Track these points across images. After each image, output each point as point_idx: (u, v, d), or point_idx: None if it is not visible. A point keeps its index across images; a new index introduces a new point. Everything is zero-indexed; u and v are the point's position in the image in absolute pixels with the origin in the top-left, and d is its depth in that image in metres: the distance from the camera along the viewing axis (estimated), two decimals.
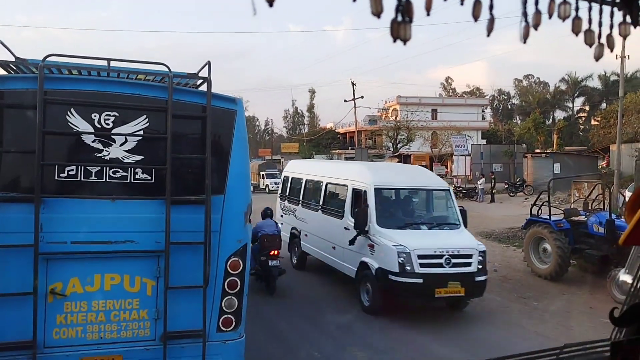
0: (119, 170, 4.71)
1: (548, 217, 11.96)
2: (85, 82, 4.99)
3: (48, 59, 4.60)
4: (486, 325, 8.86)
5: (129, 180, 4.75)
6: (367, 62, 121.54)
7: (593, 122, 50.30)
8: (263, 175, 41.95)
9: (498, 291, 10.85)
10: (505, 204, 27.82)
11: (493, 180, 28.84)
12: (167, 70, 4.97)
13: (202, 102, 4.92)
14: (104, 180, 4.67)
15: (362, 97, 43.20)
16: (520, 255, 14.09)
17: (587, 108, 64.37)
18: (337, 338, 7.98)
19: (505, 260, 13.87)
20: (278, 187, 34.21)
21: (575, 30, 1.11)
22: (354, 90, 41.85)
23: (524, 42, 1.08)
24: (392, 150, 49.16)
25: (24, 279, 4.33)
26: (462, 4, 0.99)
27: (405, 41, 0.98)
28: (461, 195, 29.74)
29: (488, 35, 1.06)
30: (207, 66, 5.26)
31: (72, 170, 4.60)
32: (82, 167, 4.62)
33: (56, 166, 4.55)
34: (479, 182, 29.20)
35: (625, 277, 9.32)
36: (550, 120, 67.73)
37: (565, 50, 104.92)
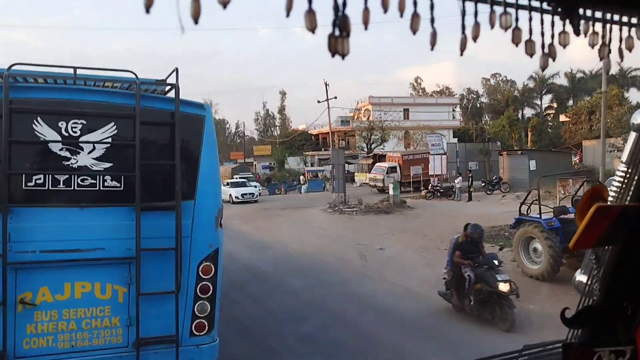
0: (87, 178, 4.70)
1: (538, 216, 11.64)
2: (52, 90, 5.02)
3: (13, 67, 4.56)
4: (485, 333, 8.41)
5: (97, 188, 4.75)
6: (337, 64, 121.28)
7: (562, 119, 50.95)
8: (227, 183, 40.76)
9: None
10: (483, 202, 27.71)
11: (470, 179, 28.72)
12: (134, 77, 4.92)
13: (170, 109, 4.95)
14: (72, 188, 4.66)
15: (335, 97, 42.68)
16: (507, 255, 13.76)
17: (554, 105, 65.36)
18: None
19: None
20: (250, 196, 32.28)
21: (516, 40, 1.13)
22: (327, 91, 41.40)
23: (461, 54, 1.10)
24: (366, 150, 48.86)
25: None
26: (401, 16, 0.99)
27: (343, 56, 0.98)
28: (439, 194, 29.54)
29: (432, 49, 1.07)
30: (174, 72, 5.27)
31: (40, 179, 4.59)
32: (50, 176, 4.61)
33: (23, 175, 4.55)
34: (456, 181, 29.05)
35: (580, 277, 9.01)
36: (520, 118, 68.60)
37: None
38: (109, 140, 4.79)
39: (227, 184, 34.44)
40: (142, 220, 4.66)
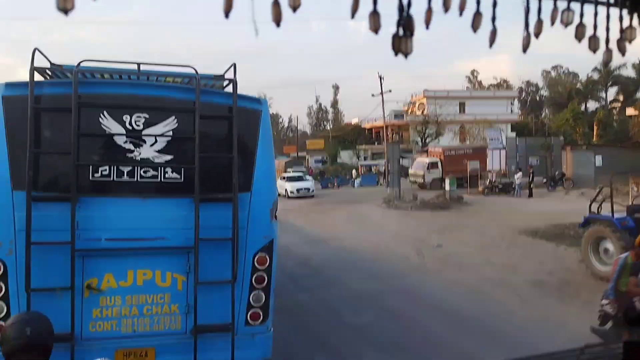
0: (149, 169, 4.89)
1: (610, 215, 10.97)
2: (117, 85, 5.27)
3: (82, 64, 4.81)
4: (549, 336, 7.96)
5: (159, 180, 4.93)
6: (390, 57, 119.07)
7: (629, 112, 48.21)
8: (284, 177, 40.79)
9: (560, 297, 9.92)
10: (544, 199, 26.63)
11: (531, 175, 27.62)
12: (194, 72, 5.10)
13: (228, 103, 5.10)
14: (135, 179, 4.85)
15: (389, 90, 42.11)
16: (574, 256, 13.09)
17: (621, 98, 62.08)
18: None
19: (558, 262, 12.87)
20: (305, 191, 31.65)
21: (579, 36, 1.10)
22: (381, 84, 40.90)
23: (524, 52, 1.11)
24: (420, 145, 48.01)
25: (61, 275, 4.51)
26: (460, 15, 1.00)
27: (406, 55, 1.00)
28: (497, 190, 28.61)
29: (490, 47, 1.07)
30: (232, 67, 5.46)
31: (106, 170, 4.80)
32: (115, 167, 4.81)
33: (90, 167, 4.76)
34: (516, 177, 28.02)
35: None
36: (584, 111, 65.60)
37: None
38: (170, 133, 4.95)
39: (284, 177, 33.95)
40: (201, 211, 4.80)
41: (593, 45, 1.12)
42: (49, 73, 5.69)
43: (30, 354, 2.38)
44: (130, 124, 4.86)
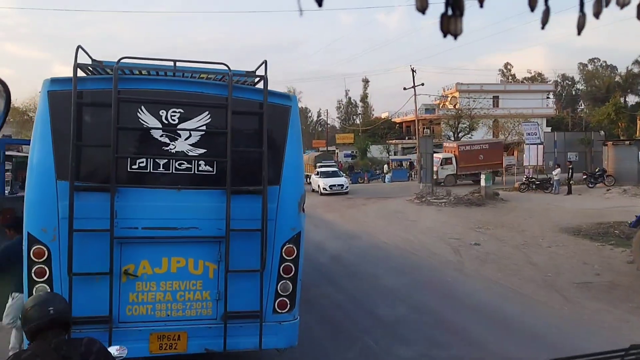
0: (183, 162, 5.11)
1: None
2: (154, 81, 5.40)
3: (121, 61, 5.04)
4: (603, 342, 7.41)
5: (192, 172, 5.15)
6: (420, 50, 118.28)
7: None
8: (319, 166, 40.72)
9: (609, 300, 9.30)
10: (584, 196, 25.63)
11: (570, 171, 26.62)
12: (227, 69, 5.26)
13: (259, 99, 5.26)
14: (170, 171, 5.09)
15: (422, 84, 41.31)
16: (621, 256, 12.45)
17: None
18: None
19: (604, 262, 12.19)
20: (339, 188, 30.60)
21: None
22: (413, 78, 40.11)
23: (579, 34, 1.06)
24: (453, 139, 46.98)
25: (101, 261, 4.81)
26: None
27: (456, 36, 0.97)
28: (534, 187, 27.71)
29: (543, 28, 1.06)
30: (263, 64, 5.62)
31: (143, 162, 5.05)
32: (151, 160, 5.06)
33: (129, 159, 5.01)
34: (554, 173, 27.04)
35: None
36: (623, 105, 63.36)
37: (633, 32, 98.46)
38: (204, 128, 5.18)
39: (318, 173, 33.10)
40: (232, 202, 5.03)
41: None
42: (91, 69, 5.97)
43: (54, 330, 2.69)
44: (166, 118, 5.10)
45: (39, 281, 4.85)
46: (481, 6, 0.97)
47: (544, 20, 1.04)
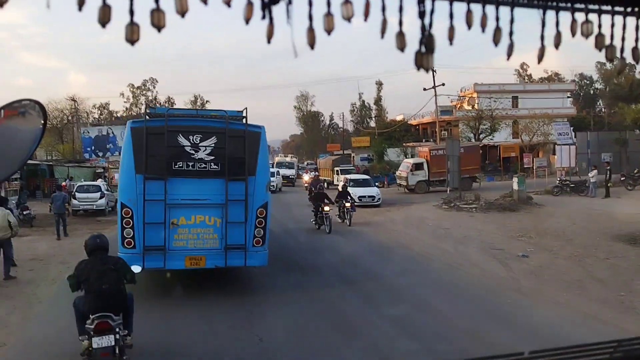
0: (202, 164, 9.34)
1: None
2: (186, 120, 10.47)
3: (169, 111, 11.78)
4: None
5: (207, 169, 9.38)
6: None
7: None
8: (337, 171, 39.42)
9: None
10: (624, 199, 24.04)
11: (608, 172, 24.99)
12: (224, 112, 10.30)
13: (243, 128, 9.66)
14: (195, 169, 9.33)
15: (443, 84, 39.87)
16: None
17: None
18: None
19: None
20: (370, 200, 27.28)
21: (599, 46, 1.20)
22: (434, 77, 38.70)
23: (539, 64, 1.26)
24: (473, 141, 45.36)
25: (159, 216, 9.02)
26: (469, 28, 1.12)
27: (427, 70, 1.11)
28: (569, 190, 26.12)
29: (508, 60, 1.21)
30: (245, 109, 10.29)
31: (180, 164, 9.26)
32: (184, 163, 9.27)
33: (172, 162, 9.21)
34: (590, 175, 25.42)
35: None
36: None
37: None
38: (213, 145, 9.38)
39: (349, 181, 27.63)
40: (229, 185, 9.29)
41: (609, 54, 1.22)
42: (149, 114, 11.37)
43: (99, 250, 6.06)
44: (193, 140, 9.29)
45: (127, 227, 8.99)
46: (451, 44, 1.15)
47: (509, 53, 1.19)
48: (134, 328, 6.33)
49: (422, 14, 1.07)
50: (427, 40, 1.07)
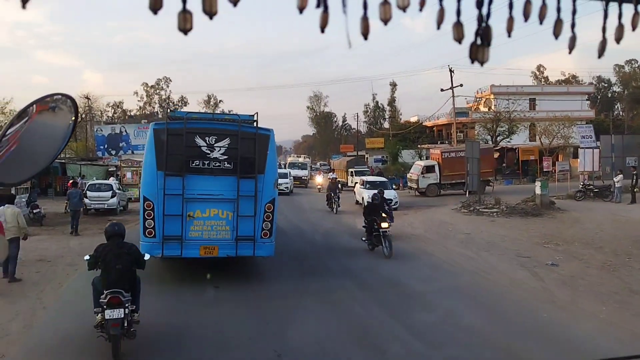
0: (217, 162, 10.33)
1: None
2: (203, 123, 11.53)
3: (188, 114, 12.51)
4: None
5: (221, 167, 10.36)
6: (446, 55, 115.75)
7: None
8: (352, 172, 38.71)
9: None
10: None
11: (635, 177, 24.09)
12: (237, 116, 12.25)
13: (254, 131, 10.63)
14: (210, 167, 10.32)
15: (461, 85, 39.08)
16: None
17: None
18: None
19: None
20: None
21: None
22: (452, 78, 37.94)
23: (599, 57, 1.13)
24: (490, 144, 44.47)
25: (177, 209, 9.99)
26: (525, 20, 1.09)
27: (482, 63, 1.08)
28: (592, 194, 25.26)
29: (570, 53, 1.17)
30: (256, 114, 11.20)
31: (197, 162, 10.24)
32: (201, 161, 10.25)
33: (190, 160, 10.19)
34: (616, 179, 24.52)
35: None
36: None
37: None
38: (226, 145, 10.34)
39: (363, 183, 27.02)
40: (240, 182, 10.22)
41: None
42: (170, 117, 12.45)
43: (117, 236, 7.02)
44: (208, 141, 10.25)
45: (148, 218, 9.95)
46: (509, 36, 1.11)
47: (571, 46, 1.12)
48: (145, 309, 7.21)
49: (479, 4, 1.05)
50: (484, 32, 1.05)
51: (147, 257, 7.35)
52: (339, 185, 28.11)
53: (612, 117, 63.39)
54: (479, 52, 1.05)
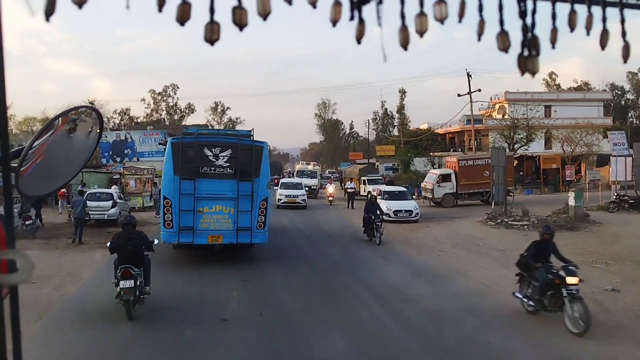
0: (221, 168, 13.21)
1: None
2: (210, 137, 15.01)
3: (198, 131, 16.91)
4: None
5: (224, 172, 13.20)
6: (453, 62, 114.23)
7: None
8: (364, 180, 37.14)
9: None
10: None
11: None
12: (237, 131, 19.39)
13: (250, 143, 13.52)
14: (216, 172, 13.18)
15: (479, 90, 37.48)
16: None
17: None
18: None
19: None
20: (406, 215, 24.07)
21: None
22: (469, 83, 36.44)
23: (625, 62, 1.15)
24: (507, 151, 42.74)
25: (190, 205, 12.88)
26: (571, 30, 1.07)
27: (533, 74, 1.06)
28: (627, 205, 23.51)
29: (625, 62, 1.19)
30: (252, 130, 14.23)
31: (205, 169, 13.13)
32: (208, 168, 13.16)
33: (200, 167, 13.10)
34: None
35: None
36: None
37: None
38: (229, 155, 13.29)
39: (383, 194, 24.75)
40: (240, 184, 13.08)
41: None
42: (183, 132, 16.02)
43: (129, 225, 9.41)
44: (214, 151, 13.21)
45: (167, 213, 12.88)
46: (553, 47, 1.10)
47: (625, 56, 1.12)
48: (157, 285, 9.86)
49: (522, 14, 1.02)
50: (531, 42, 1.02)
51: (155, 242, 9.79)
52: (378, 204, 19.18)
53: (629, 125, 61.51)
54: (528, 63, 1.04)
